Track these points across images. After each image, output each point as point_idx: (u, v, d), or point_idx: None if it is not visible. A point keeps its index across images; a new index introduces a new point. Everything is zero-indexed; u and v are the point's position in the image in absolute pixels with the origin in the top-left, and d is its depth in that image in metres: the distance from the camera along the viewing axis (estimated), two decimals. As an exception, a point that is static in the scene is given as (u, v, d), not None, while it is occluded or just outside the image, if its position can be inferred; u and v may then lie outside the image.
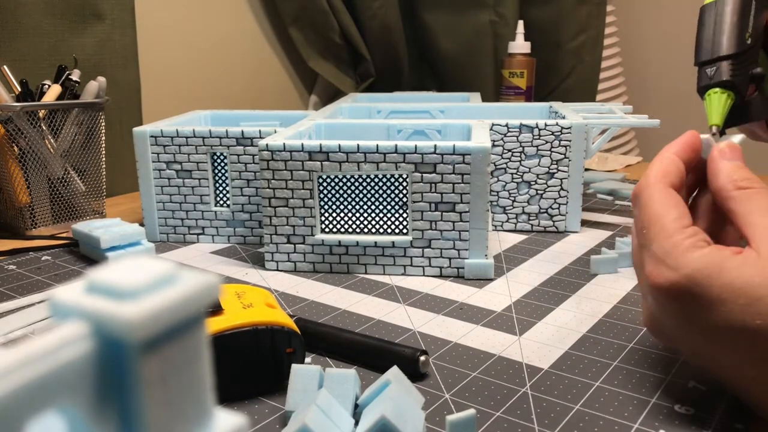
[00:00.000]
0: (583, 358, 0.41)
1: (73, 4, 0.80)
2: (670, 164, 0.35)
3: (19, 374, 0.12)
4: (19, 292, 0.52)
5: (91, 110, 0.70)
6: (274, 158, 0.54)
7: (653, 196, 0.34)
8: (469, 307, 0.49)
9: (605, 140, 0.67)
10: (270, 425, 0.34)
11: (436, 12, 1.23)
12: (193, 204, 0.64)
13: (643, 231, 0.34)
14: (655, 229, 0.33)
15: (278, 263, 0.56)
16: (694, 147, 0.36)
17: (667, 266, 0.31)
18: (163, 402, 0.14)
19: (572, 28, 1.21)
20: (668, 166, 0.35)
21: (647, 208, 0.34)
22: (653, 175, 0.35)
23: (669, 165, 0.35)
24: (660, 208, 0.33)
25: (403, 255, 0.55)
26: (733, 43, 0.40)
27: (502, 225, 0.68)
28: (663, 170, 0.35)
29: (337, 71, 1.22)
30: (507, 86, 1.03)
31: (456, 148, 0.52)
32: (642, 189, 0.35)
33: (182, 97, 1.02)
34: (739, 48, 0.40)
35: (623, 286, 0.52)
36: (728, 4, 0.41)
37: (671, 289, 0.31)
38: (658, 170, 0.35)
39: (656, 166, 0.35)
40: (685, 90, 1.52)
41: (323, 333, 0.42)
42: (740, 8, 0.41)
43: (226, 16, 1.09)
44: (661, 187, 0.34)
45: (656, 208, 0.33)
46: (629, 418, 0.34)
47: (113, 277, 0.14)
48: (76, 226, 0.61)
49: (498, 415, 0.35)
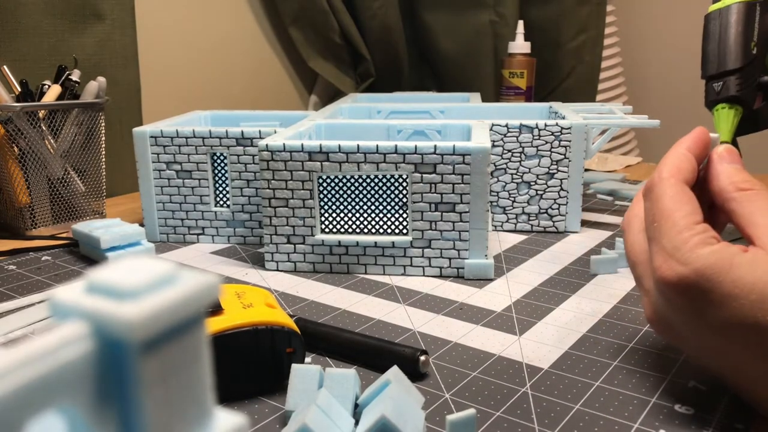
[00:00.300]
0: (583, 358, 0.41)
1: (73, 4, 0.80)
2: (684, 160, 0.35)
3: (19, 374, 0.12)
4: (19, 292, 0.52)
5: (91, 110, 0.70)
6: (274, 158, 0.54)
7: (666, 191, 0.34)
8: (469, 307, 0.49)
9: (605, 140, 0.67)
10: (270, 425, 0.34)
11: (436, 12, 1.23)
12: (193, 204, 0.64)
13: (653, 224, 0.34)
14: (666, 224, 0.33)
15: (278, 263, 0.56)
16: (705, 143, 0.37)
17: (676, 261, 0.31)
18: (163, 402, 0.14)
19: (572, 28, 1.21)
20: (682, 162, 0.35)
21: (659, 203, 0.34)
22: (667, 170, 0.35)
23: (683, 161, 0.35)
24: (672, 203, 0.33)
25: (403, 255, 0.55)
26: (739, 57, 0.40)
27: (502, 225, 0.68)
28: (677, 166, 0.35)
29: (337, 71, 1.22)
30: (507, 86, 1.03)
31: (456, 148, 0.52)
32: (655, 183, 0.35)
33: (182, 97, 1.02)
34: (745, 60, 0.40)
35: (623, 286, 0.52)
36: (733, 14, 0.40)
37: (680, 284, 0.31)
38: (672, 165, 0.35)
39: (670, 161, 0.35)
40: (685, 90, 1.52)
41: (323, 333, 0.42)
42: (745, 16, 0.40)
43: (226, 16, 1.09)
44: (674, 182, 0.34)
45: (668, 203, 0.33)
46: (629, 418, 0.34)
47: (113, 277, 0.14)
48: (76, 226, 0.61)
49: (498, 415, 0.35)
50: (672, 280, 0.31)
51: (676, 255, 0.31)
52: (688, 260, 0.31)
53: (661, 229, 0.33)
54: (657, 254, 0.33)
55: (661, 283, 0.32)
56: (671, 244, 0.32)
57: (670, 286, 0.32)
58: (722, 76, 0.40)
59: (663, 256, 0.32)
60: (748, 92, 0.40)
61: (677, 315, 0.33)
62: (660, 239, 0.33)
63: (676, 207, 0.33)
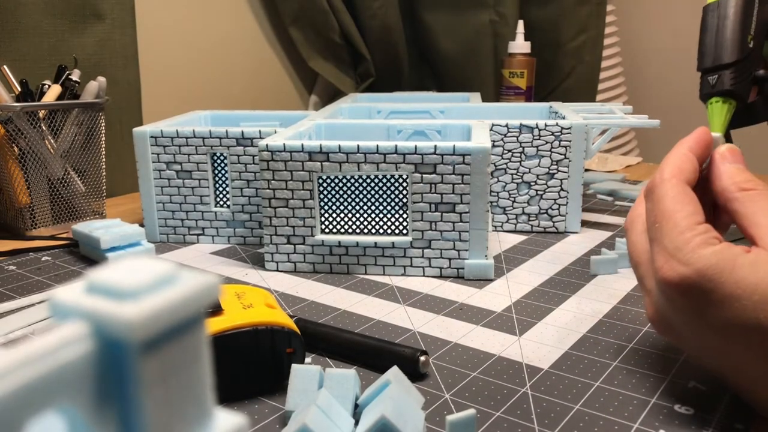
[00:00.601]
0: (583, 358, 0.41)
1: (73, 4, 0.80)
2: (686, 161, 0.35)
3: (19, 374, 0.12)
4: (19, 292, 0.52)
5: (91, 110, 0.70)
6: (274, 159, 0.54)
7: (668, 192, 0.34)
8: (469, 308, 0.49)
9: (605, 140, 0.67)
10: (270, 425, 0.34)
11: (436, 12, 1.23)
12: (193, 204, 0.64)
13: (655, 225, 0.34)
14: (668, 224, 0.33)
15: (278, 264, 0.56)
16: (707, 143, 0.37)
17: (678, 261, 0.31)
18: (163, 402, 0.14)
19: (572, 28, 1.21)
20: (684, 163, 0.35)
21: (660, 204, 0.34)
22: (668, 171, 0.35)
23: (684, 161, 0.35)
24: (673, 204, 0.33)
25: (403, 255, 0.55)
26: (735, 51, 0.40)
27: (502, 225, 0.68)
28: (678, 166, 0.35)
29: (337, 71, 1.22)
30: (507, 86, 1.03)
31: (456, 148, 0.52)
32: (657, 184, 0.35)
33: (182, 97, 1.02)
34: (741, 54, 0.40)
35: (623, 287, 0.52)
36: (731, 6, 0.40)
37: (681, 284, 0.31)
38: (674, 166, 0.35)
39: (671, 161, 0.35)
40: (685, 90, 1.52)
41: (323, 333, 0.42)
42: (743, 8, 0.40)
43: (226, 16, 1.09)
44: (675, 183, 0.34)
45: (670, 203, 0.33)
46: (629, 418, 0.34)
47: (113, 277, 0.14)
48: (76, 226, 0.61)
49: (498, 415, 0.35)
50: (674, 280, 0.31)
51: (678, 255, 0.31)
52: (689, 260, 0.31)
53: (663, 229, 0.33)
54: (658, 255, 0.33)
55: (662, 283, 0.32)
56: (673, 244, 0.32)
57: (671, 287, 0.32)
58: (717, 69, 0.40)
59: (665, 257, 0.32)
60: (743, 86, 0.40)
61: (678, 315, 0.33)
62: (662, 240, 0.33)
63: (677, 208, 0.33)
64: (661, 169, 0.35)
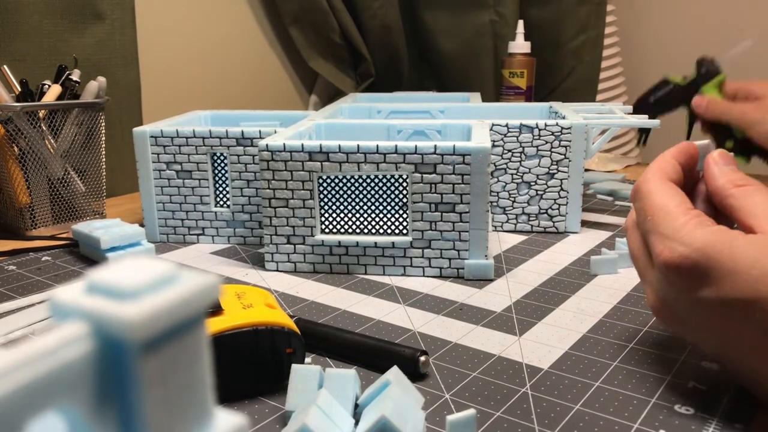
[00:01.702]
0: (583, 358, 0.41)
1: (73, 4, 0.80)
2: (667, 163, 0.37)
3: (19, 374, 0.12)
4: (19, 292, 0.52)
5: (91, 110, 0.70)
6: (274, 158, 0.54)
7: (653, 188, 0.36)
8: (469, 308, 0.49)
9: (605, 140, 0.67)
10: (270, 425, 0.34)
11: (436, 12, 1.23)
12: (193, 204, 0.64)
13: (647, 219, 0.35)
14: (660, 214, 0.34)
15: (278, 264, 0.56)
16: (690, 153, 0.38)
17: (678, 242, 0.32)
18: (163, 402, 0.14)
19: (572, 28, 1.21)
20: (665, 165, 0.37)
21: (648, 200, 0.35)
22: (651, 172, 0.37)
23: (665, 164, 0.37)
24: (662, 197, 0.35)
25: (402, 255, 0.55)
26: None
27: (502, 225, 0.68)
28: (660, 168, 0.37)
29: (337, 71, 1.22)
30: (507, 86, 1.03)
31: (456, 148, 0.52)
32: (640, 184, 0.37)
33: (182, 97, 1.02)
34: None
35: (623, 287, 0.52)
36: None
37: (682, 264, 0.32)
38: (657, 168, 0.37)
39: (654, 165, 0.38)
40: (685, 90, 1.51)
41: (323, 333, 0.42)
42: None
43: (226, 16, 1.09)
44: (659, 179, 0.36)
45: (658, 197, 0.35)
46: (629, 418, 0.34)
47: (113, 277, 0.14)
48: (76, 226, 0.61)
49: (498, 415, 0.35)
50: (674, 261, 0.32)
51: (676, 237, 0.33)
52: (688, 240, 0.32)
53: (656, 219, 0.34)
54: (656, 242, 0.34)
55: (663, 266, 0.33)
56: (669, 229, 0.33)
57: (671, 268, 0.32)
58: None
59: (663, 242, 0.33)
60: None
61: (680, 298, 0.33)
62: (657, 228, 0.34)
63: (666, 200, 0.35)
64: (644, 172, 0.37)
